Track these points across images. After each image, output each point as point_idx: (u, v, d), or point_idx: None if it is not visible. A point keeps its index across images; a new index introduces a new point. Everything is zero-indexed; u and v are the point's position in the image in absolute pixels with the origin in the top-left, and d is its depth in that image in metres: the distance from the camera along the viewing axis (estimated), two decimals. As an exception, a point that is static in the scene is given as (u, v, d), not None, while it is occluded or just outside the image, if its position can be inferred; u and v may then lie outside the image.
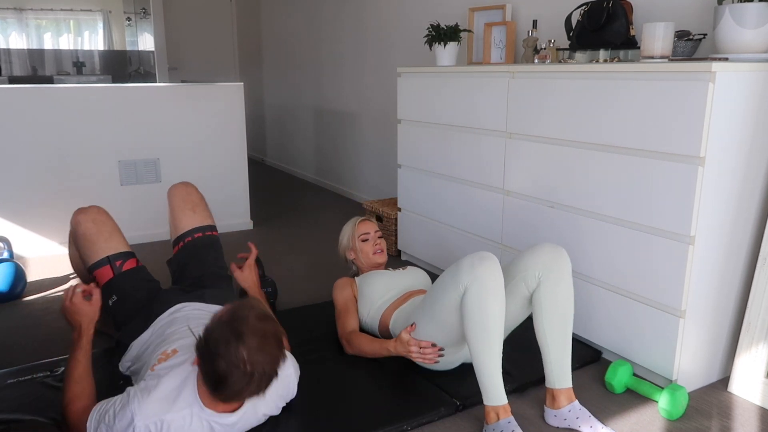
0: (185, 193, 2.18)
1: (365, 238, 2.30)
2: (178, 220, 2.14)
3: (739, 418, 1.82)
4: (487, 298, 1.67)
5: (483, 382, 1.69)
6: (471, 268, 1.70)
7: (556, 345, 1.77)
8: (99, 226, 2.01)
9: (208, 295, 1.97)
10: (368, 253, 2.29)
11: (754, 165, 1.87)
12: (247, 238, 3.77)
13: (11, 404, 1.80)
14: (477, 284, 1.67)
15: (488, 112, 2.51)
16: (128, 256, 2.03)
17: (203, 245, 2.11)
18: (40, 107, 3.30)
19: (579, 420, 1.71)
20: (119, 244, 2.02)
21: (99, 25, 6.59)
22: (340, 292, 2.19)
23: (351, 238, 2.32)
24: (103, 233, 2.00)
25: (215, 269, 2.09)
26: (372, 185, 4.64)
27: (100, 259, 1.97)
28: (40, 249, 3.43)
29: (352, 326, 2.10)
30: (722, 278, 1.93)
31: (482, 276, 1.68)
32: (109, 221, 2.06)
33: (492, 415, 1.68)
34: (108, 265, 1.97)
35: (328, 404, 1.81)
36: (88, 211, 2.05)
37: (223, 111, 3.79)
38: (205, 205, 2.21)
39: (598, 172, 2.06)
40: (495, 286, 1.68)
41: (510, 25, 2.95)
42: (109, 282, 1.97)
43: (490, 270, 1.69)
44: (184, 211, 2.14)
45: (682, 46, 2.10)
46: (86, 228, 2.00)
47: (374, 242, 2.30)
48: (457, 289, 1.72)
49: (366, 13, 4.45)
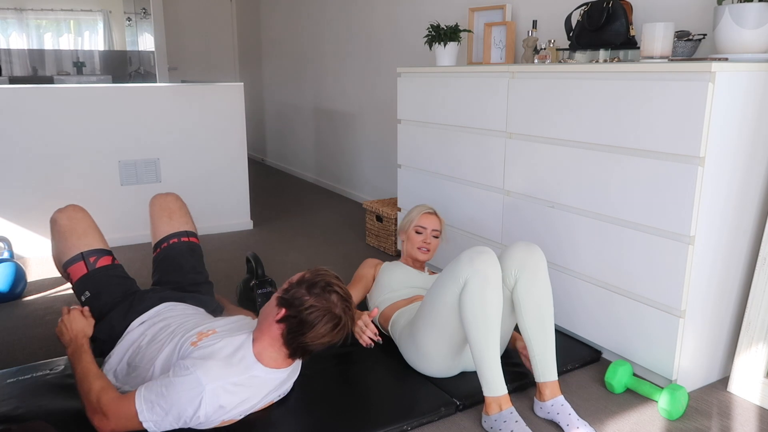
0: (164, 202, 2.19)
1: (419, 231, 2.29)
2: (155, 228, 2.17)
3: (739, 417, 1.82)
4: (486, 288, 1.70)
5: (483, 372, 1.70)
6: (470, 261, 1.73)
7: (537, 340, 1.81)
8: (73, 223, 2.00)
9: (189, 298, 1.99)
10: (414, 245, 2.29)
11: (754, 165, 1.87)
12: (247, 238, 3.77)
13: (11, 404, 1.80)
14: (476, 276, 1.71)
15: (488, 112, 2.51)
16: (103, 253, 2.01)
17: (180, 251, 2.12)
18: (40, 107, 3.30)
19: (560, 415, 1.74)
20: (94, 241, 2.01)
21: (99, 25, 6.59)
22: (364, 268, 2.31)
23: (410, 222, 2.33)
24: (77, 230, 2.00)
25: (193, 275, 2.09)
26: (372, 185, 4.64)
27: (74, 256, 1.96)
28: (40, 249, 3.43)
29: (354, 293, 2.22)
30: (722, 278, 1.93)
31: (481, 268, 1.72)
32: (85, 219, 2.04)
33: (493, 406, 1.69)
34: (82, 261, 1.96)
35: (329, 404, 1.81)
36: (65, 209, 2.05)
37: (223, 111, 3.79)
38: (185, 212, 2.21)
39: (598, 172, 2.06)
40: (494, 278, 1.72)
41: (510, 25, 2.95)
42: (83, 277, 1.95)
43: (489, 262, 1.73)
44: (161, 218, 2.16)
45: (682, 46, 2.10)
46: (61, 225, 2.00)
47: (425, 239, 2.29)
48: (457, 283, 1.74)
49: (366, 13, 4.45)
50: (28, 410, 1.76)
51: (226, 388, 1.54)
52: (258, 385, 1.61)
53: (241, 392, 1.58)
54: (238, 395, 1.57)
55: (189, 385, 1.50)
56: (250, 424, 1.69)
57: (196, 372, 1.51)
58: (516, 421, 1.65)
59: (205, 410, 1.51)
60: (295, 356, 1.64)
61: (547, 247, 2.30)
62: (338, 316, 1.57)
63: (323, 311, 1.55)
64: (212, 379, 1.51)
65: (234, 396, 1.56)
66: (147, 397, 1.52)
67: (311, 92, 5.50)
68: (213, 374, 1.52)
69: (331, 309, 1.56)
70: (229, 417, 1.60)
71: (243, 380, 1.57)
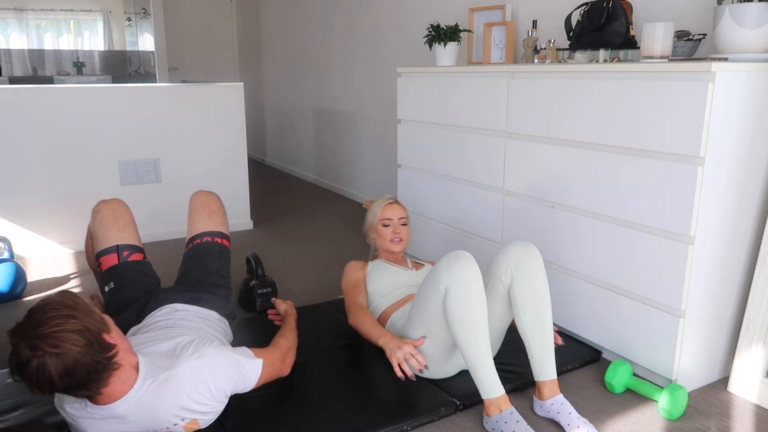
0: (206, 200, 2.23)
1: (386, 224, 2.26)
2: (193, 222, 2.19)
3: (739, 417, 1.82)
4: (468, 294, 1.70)
5: (477, 376, 1.70)
6: (448, 268, 1.73)
7: (535, 339, 1.80)
8: (116, 216, 2.06)
9: (204, 299, 1.99)
10: (386, 239, 2.26)
11: (754, 165, 1.87)
12: (247, 238, 3.77)
13: (11, 404, 1.80)
14: (456, 282, 1.70)
15: (488, 112, 2.51)
16: (136, 249, 2.07)
17: (210, 250, 2.13)
18: (40, 107, 3.30)
19: (560, 414, 1.74)
20: (131, 237, 2.07)
21: (99, 25, 6.59)
22: (353, 273, 2.23)
23: (375, 218, 2.29)
24: (118, 223, 2.06)
25: (216, 277, 2.10)
26: (372, 185, 4.64)
27: (110, 246, 2.02)
28: (40, 249, 3.43)
29: (360, 301, 2.13)
30: (722, 278, 1.93)
31: (460, 273, 1.71)
32: (127, 214, 2.11)
33: (493, 408, 1.69)
34: (116, 252, 2.01)
35: (328, 404, 1.81)
36: (110, 201, 2.11)
37: (223, 111, 3.79)
38: (223, 214, 2.24)
39: (598, 171, 2.06)
40: (474, 282, 1.71)
41: (510, 25, 2.95)
42: (112, 268, 2.00)
43: (467, 267, 1.72)
44: (201, 214, 2.19)
45: (682, 46, 2.10)
46: (104, 215, 2.05)
47: (394, 229, 2.25)
48: (438, 291, 1.74)
49: (366, 13, 4.45)
50: (28, 410, 1.77)
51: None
52: (97, 423, 1.47)
53: None
54: None
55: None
56: (249, 424, 1.69)
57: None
58: (517, 422, 1.65)
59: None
60: (75, 395, 1.40)
61: (547, 247, 2.30)
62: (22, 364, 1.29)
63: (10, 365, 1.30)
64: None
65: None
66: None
67: (311, 92, 5.50)
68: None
69: (13, 361, 1.29)
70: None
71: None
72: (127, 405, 1.44)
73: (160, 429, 1.50)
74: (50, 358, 1.26)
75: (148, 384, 1.46)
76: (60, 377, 1.28)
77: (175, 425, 1.51)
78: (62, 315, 1.31)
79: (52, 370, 1.27)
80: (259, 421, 1.71)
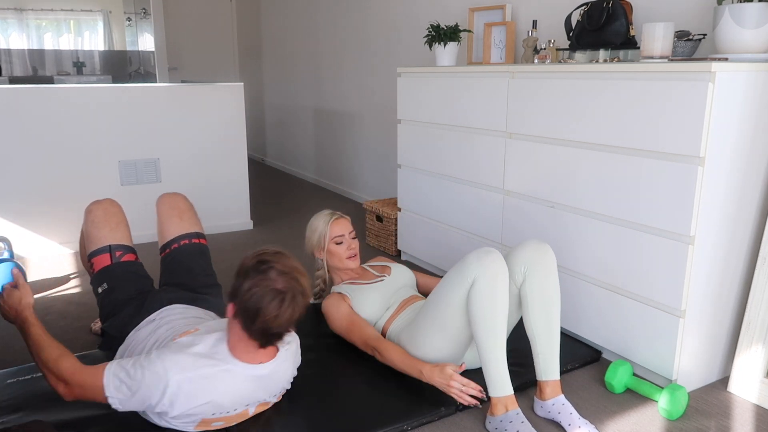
0: (173, 201, 2.18)
1: (339, 241, 2.16)
2: (165, 227, 2.15)
3: (739, 417, 1.82)
4: (494, 287, 1.70)
5: (489, 372, 1.70)
6: (477, 260, 1.73)
7: (542, 338, 1.80)
8: (108, 216, 2.04)
9: (201, 300, 1.99)
10: (342, 257, 2.16)
11: (754, 165, 1.87)
12: (247, 238, 3.77)
13: (11, 404, 1.80)
14: (485, 275, 1.70)
15: (488, 112, 2.51)
16: (129, 249, 2.04)
17: (190, 253, 2.11)
18: (40, 107, 3.30)
19: (561, 414, 1.74)
20: (123, 237, 2.04)
21: (99, 25, 6.59)
22: (339, 310, 2.06)
23: (323, 237, 2.18)
24: (110, 223, 2.03)
25: (204, 278, 2.09)
26: (372, 185, 4.64)
27: (102, 246, 2.00)
28: (40, 249, 3.43)
29: (372, 334, 1.98)
30: (722, 278, 1.93)
31: (490, 266, 1.71)
32: (119, 214, 2.08)
33: (499, 407, 1.69)
34: (108, 252, 1.99)
35: (328, 404, 1.81)
36: (103, 201, 2.09)
37: (223, 111, 3.79)
38: (193, 213, 2.20)
39: (598, 172, 2.06)
40: (501, 277, 1.72)
41: (510, 25, 2.95)
42: (105, 269, 1.97)
43: (497, 263, 1.73)
44: (171, 218, 2.14)
45: (682, 46, 2.10)
46: (96, 216, 2.03)
47: (348, 246, 2.17)
48: (465, 282, 1.73)
49: (366, 13, 4.45)
50: (28, 410, 1.77)
51: (194, 380, 1.50)
52: (233, 379, 1.56)
53: (214, 386, 1.53)
54: (210, 390, 1.53)
55: (156, 372, 1.49)
56: (249, 424, 1.69)
57: (165, 362, 1.50)
58: (522, 422, 1.65)
59: (170, 399, 1.49)
60: (267, 344, 1.56)
61: (547, 247, 2.30)
62: (281, 291, 1.47)
63: (263, 291, 1.46)
64: (180, 371, 1.49)
65: (204, 390, 1.52)
66: (116, 373, 1.51)
67: (311, 92, 5.50)
68: (181, 365, 1.50)
69: (271, 286, 1.47)
70: (202, 411, 1.55)
71: (214, 373, 1.53)
72: (271, 367, 1.63)
73: (279, 392, 1.74)
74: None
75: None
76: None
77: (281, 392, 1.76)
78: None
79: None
80: (258, 421, 1.71)
